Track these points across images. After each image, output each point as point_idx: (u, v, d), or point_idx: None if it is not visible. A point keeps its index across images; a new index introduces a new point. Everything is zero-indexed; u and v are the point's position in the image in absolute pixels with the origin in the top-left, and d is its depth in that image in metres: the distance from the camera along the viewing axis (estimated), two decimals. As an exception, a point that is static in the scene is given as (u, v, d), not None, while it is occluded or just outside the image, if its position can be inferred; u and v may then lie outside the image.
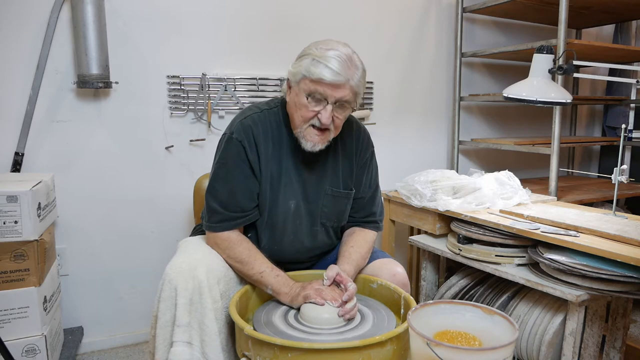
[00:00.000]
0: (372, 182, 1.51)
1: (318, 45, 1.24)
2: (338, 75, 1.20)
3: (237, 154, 1.31)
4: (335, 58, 1.20)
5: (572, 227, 1.58)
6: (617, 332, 1.71)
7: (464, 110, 2.76)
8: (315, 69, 1.20)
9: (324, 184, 1.40)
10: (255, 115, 1.35)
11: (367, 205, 1.50)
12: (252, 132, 1.31)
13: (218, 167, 1.34)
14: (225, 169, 1.32)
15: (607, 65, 2.10)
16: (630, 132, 2.88)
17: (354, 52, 1.26)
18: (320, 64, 1.20)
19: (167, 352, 1.19)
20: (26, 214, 1.53)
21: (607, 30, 3.19)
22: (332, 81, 1.20)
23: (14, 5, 1.81)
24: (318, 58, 1.21)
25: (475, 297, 1.81)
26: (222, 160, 1.33)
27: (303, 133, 1.28)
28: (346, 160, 1.44)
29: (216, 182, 1.33)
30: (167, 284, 1.20)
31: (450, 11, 2.65)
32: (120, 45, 1.96)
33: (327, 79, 1.19)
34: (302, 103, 1.25)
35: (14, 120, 1.84)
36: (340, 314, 1.20)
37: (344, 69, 1.20)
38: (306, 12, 2.29)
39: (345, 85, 1.22)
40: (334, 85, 1.21)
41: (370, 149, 1.50)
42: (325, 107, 1.24)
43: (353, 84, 1.23)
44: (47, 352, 1.61)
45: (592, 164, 3.40)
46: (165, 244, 2.13)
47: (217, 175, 1.33)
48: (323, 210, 1.42)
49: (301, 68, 1.23)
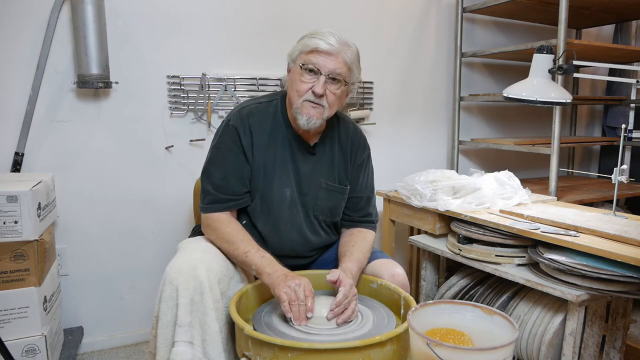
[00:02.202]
0: (368, 183, 1.55)
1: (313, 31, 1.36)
2: (331, 46, 1.29)
3: (231, 140, 1.37)
4: (330, 34, 1.31)
5: (572, 227, 1.58)
6: (617, 332, 1.71)
7: (464, 110, 2.76)
8: (310, 42, 1.30)
9: (319, 177, 1.44)
10: (253, 106, 1.42)
11: (365, 206, 1.53)
12: (247, 120, 1.38)
13: (213, 151, 1.40)
14: (220, 153, 1.38)
15: (607, 65, 2.10)
16: (630, 132, 2.88)
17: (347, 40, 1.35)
18: (315, 37, 1.30)
19: (168, 352, 1.20)
20: (26, 214, 1.53)
21: (607, 30, 3.19)
22: (326, 49, 1.28)
23: (14, 5, 1.81)
24: (314, 34, 1.32)
25: (475, 297, 1.81)
26: (218, 145, 1.39)
27: (299, 108, 1.33)
28: (342, 157, 1.48)
29: (211, 165, 1.40)
30: (168, 284, 1.20)
31: (450, 11, 2.65)
32: (120, 45, 1.96)
33: (321, 47, 1.28)
34: (298, 78, 1.32)
35: (14, 120, 1.84)
36: (330, 317, 1.20)
37: (338, 43, 1.30)
38: (306, 12, 2.29)
39: (339, 56, 1.30)
40: (328, 54, 1.29)
41: (367, 151, 1.55)
42: (318, 78, 1.30)
43: (346, 58, 1.30)
44: (47, 352, 1.61)
45: (592, 164, 3.40)
46: (165, 244, 2.13)
47: (212, 159, 1.40)
48: (317, 203, 1.45)
49: (298, 45, 1.34)
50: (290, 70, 1.37)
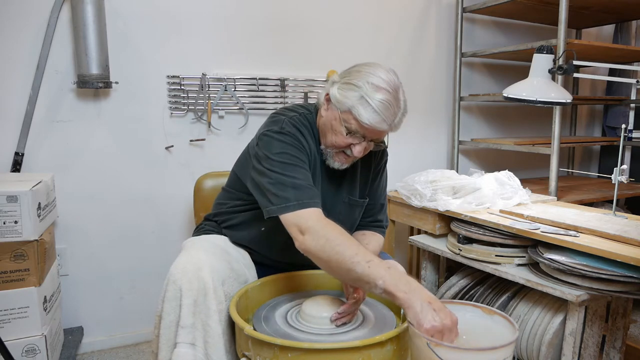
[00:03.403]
0: (383, 190, 1.52)
1: (368, 77, 1.19)
2: (383, 123, 1.19)
3: (296, 141, 1.25)
4: (384, 103, 1.17)
5: (572, 227, 1.58)
6: (617, 332, 1.71)
7: (464, 110, 2.76)
8: (362, 111, 1.17)
9: (341, 193, 1.41)
10: (296, 116, 1.31)
11: (377, 212, 1.52)
12: (299, 129, 1.28)
13: (279, 158, 1.20)
14: (288, 156, 1.21)
15: (607, 65, 2.10)
16: (630, 132, 2.88)
17: (400, 84, 1.24)
18: (369, 106, 1.17)
19: (170, 352, 1.19)
20: (26, 214, 1.53)
21: (607, 30, 3.19)
22: (376, 128, 1.19)
23: (14, 5, 1.81)
24: (368, 98, 1.17)
25: (475, 297, 1.81)
26: (281, 150, 1.22)
27: (332, 154, 1.29)
28: (365, 170, 1.44)
29: (282, 171, 1.18)
30: (172, 285, 1.19)
31: (450, 11, 2.65)
32: (120, 45, 1.96)
33: (372, 126, 1.18)
34: (339, 131, 1.23)
35: (14, 120, 1.84)
36: (333, 319, 1.19)
37: (390, 115, 1.19)
38: (306, 12, 2.29)
39: (387, 130, 1.23)
40: (377, 132, 1.22)
41: (385, 157, 1.51)
42: (361, 142, 1.24)
43: (394, 126, 1.23)
44: (47, 352, 1.61)
45: (592, 164, 3.40)
46: (165, 244, 2.13)
47: (280, 164, 1.19)
48: (339, 218, 1.36)
49: (348, 100, 1.19)
50: (330, 107, 1.25)
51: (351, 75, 1.23)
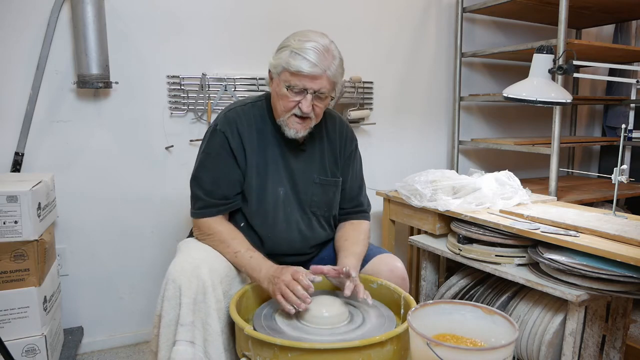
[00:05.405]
0: (358, 174, 1.58)
1: (296, 36, 1.30)
2: (315, 67, 1.26)
3: (220, 145, 1.37)
4: (312, 50, 1.26)
5: (572, 227, 1.58)
6: (617, 332, 1.71)
7: (464, 110, 2.76)
8: (293, 61, 1.26)
9: (312, 173, 1.45)
10: (239, 108, 1.41)
11: (356, 195, 1.56)
12: (235, 124, 1.37)
13: (203, 157, 1.40)
14: (209, 158, 1.39)
15: (607, 65, 2.10)
16: (630, 132, 2.88)
17: (331, 42, 1.32)
18: (298, 56, 1.26)
19: (169, 351, 1.20)
20: (26, 214, 1.53)
21: (607, 30, 3.19)
22: (309, 73, 1.26)
23: (14, 5, 1.81)
24: (296, 50, 1.26)
25: (475, 297, 1.81)
26: (207, 150, 1.40)
27: (286, 121, 1.34)
28: (330, 151, 1.50)
29: (200, 170, 1.40)
30: (171, 284, 1.20)
31: (450, 11, 2.65)
32: (120, 45, 1.96)
33: (304, 70, 1.25)
34: (283, 94, 1.31)
35: (14, 120, 1.84)
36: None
37: (321, 60, 1.26)
38: (306, 12, 2.29)
39: (323, 76, 1.28)
40: (312, 77, 1.27)
41: (354, 142, 1.57)
42: (305, 96, 1.30)
43: (330, 74, 1.29)
44: (47, 352, 1.61)
45: (592, 164, 3.40)
46: (165, 244, 2.13)
47: (202, 164, 1.40)
48: (313, 199, 1.46)
49: (281, 60, 1.29)
50: (273, 79, 1.35)
51: (281, 43, 1.34)
